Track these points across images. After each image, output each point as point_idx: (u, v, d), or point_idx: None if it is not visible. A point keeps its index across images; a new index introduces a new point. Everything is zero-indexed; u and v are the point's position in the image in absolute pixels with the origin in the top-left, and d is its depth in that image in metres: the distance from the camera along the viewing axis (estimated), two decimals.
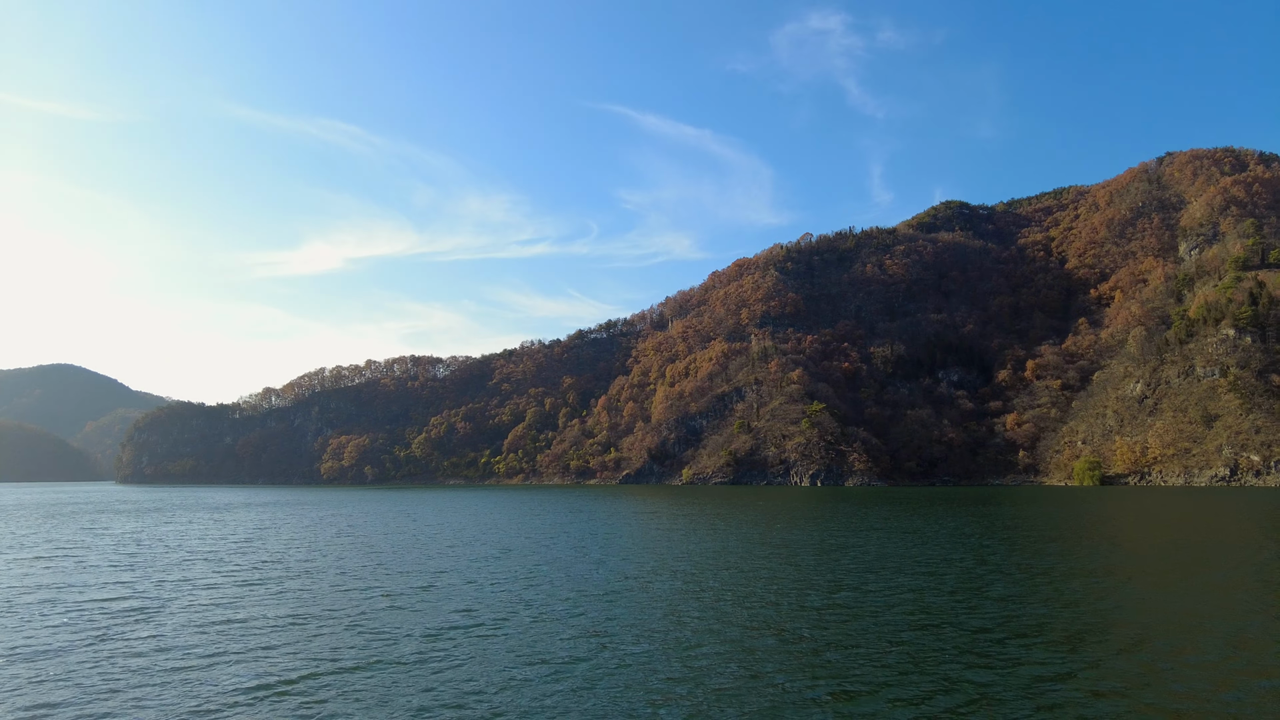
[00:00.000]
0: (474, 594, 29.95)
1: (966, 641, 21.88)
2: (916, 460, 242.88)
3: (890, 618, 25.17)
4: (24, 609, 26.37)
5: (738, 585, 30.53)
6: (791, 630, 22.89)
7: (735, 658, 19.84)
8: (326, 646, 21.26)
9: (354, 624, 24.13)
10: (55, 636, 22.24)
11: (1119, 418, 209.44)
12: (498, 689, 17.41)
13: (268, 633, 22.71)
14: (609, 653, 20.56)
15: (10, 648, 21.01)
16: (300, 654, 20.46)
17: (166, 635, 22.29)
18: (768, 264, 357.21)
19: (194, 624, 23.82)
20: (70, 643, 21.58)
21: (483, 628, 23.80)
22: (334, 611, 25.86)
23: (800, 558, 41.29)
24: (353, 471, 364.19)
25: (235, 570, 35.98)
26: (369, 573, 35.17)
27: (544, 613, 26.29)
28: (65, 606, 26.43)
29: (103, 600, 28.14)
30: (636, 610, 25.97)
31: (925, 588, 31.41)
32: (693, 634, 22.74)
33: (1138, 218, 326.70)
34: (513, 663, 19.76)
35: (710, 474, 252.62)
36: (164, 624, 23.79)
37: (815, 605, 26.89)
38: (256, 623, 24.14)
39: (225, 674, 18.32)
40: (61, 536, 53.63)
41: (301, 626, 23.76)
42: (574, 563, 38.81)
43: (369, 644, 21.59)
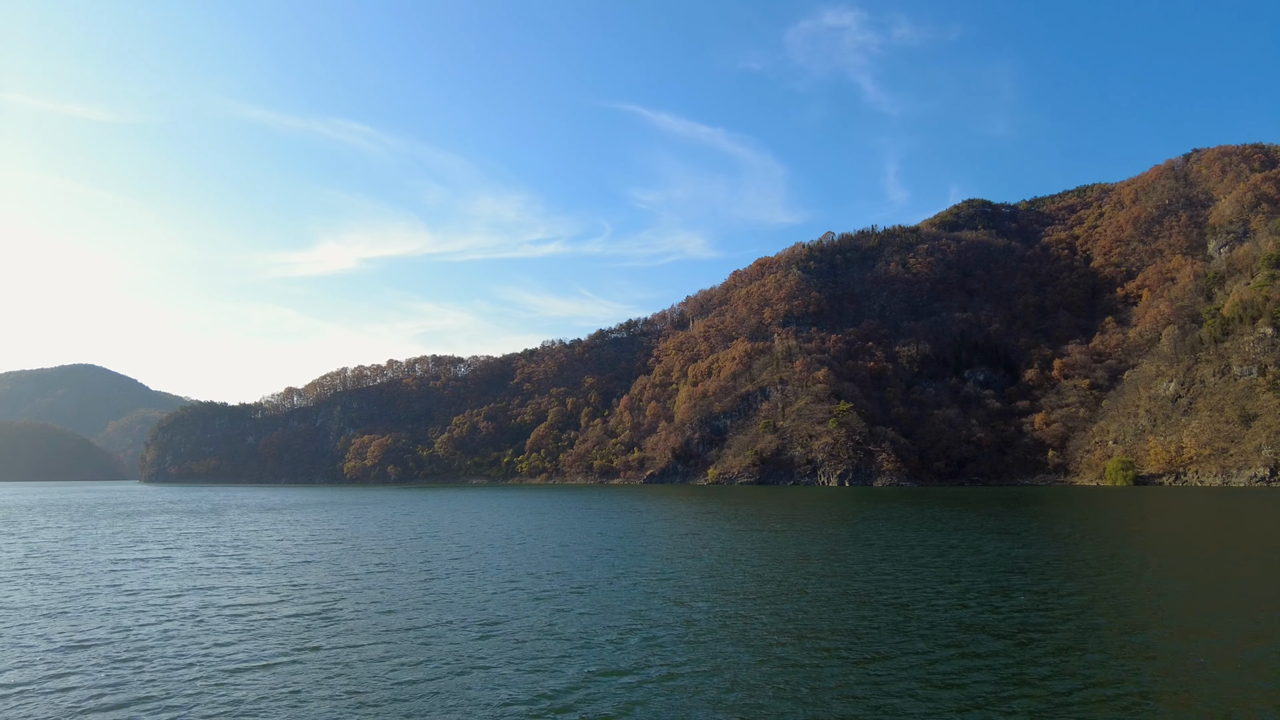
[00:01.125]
0: (628, 595, 30.40)
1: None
2: (945, 460, 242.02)
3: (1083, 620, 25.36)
4: (228, 620, 24.95)
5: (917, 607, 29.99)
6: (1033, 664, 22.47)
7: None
8: (571, 649, 21.34)
9: (550, 625, 24.00)
10: (285, 648, 21.28)
11: (1151, 417, 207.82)
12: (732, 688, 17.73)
13: (472, 643, 22.07)
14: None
15: (285, 654, 20.54)
16: (541, 658, 20.62)
17: (367, 643, 21.99)
18: (790, 263, 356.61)
19: (388, 629, 23.74)
20: (312, 655, 20.55)
21: (698, 625, 24.12)
22: (521, 615, 25.75)
23: (930, 560, 41.48)
24: (376, 471, 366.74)
25: (361, 573, 36.53)
26: (502, 574, 35.69)
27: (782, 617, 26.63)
28: (258, 617, 25.29)
29: (272, 604, 27.12)
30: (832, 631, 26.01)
31: (1106, 590, 31.55)
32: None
33: (1165, 215, 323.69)
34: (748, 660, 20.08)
35: (736, 474, 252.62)
36: (356, 631, 23.09)
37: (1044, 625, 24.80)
38: (449, 627, 23.91)
39: (480, 682, 18.55)
40: (158, 539, 54.63)
41: (501, 632, 23.22)
42: (701, 571, 39.22)
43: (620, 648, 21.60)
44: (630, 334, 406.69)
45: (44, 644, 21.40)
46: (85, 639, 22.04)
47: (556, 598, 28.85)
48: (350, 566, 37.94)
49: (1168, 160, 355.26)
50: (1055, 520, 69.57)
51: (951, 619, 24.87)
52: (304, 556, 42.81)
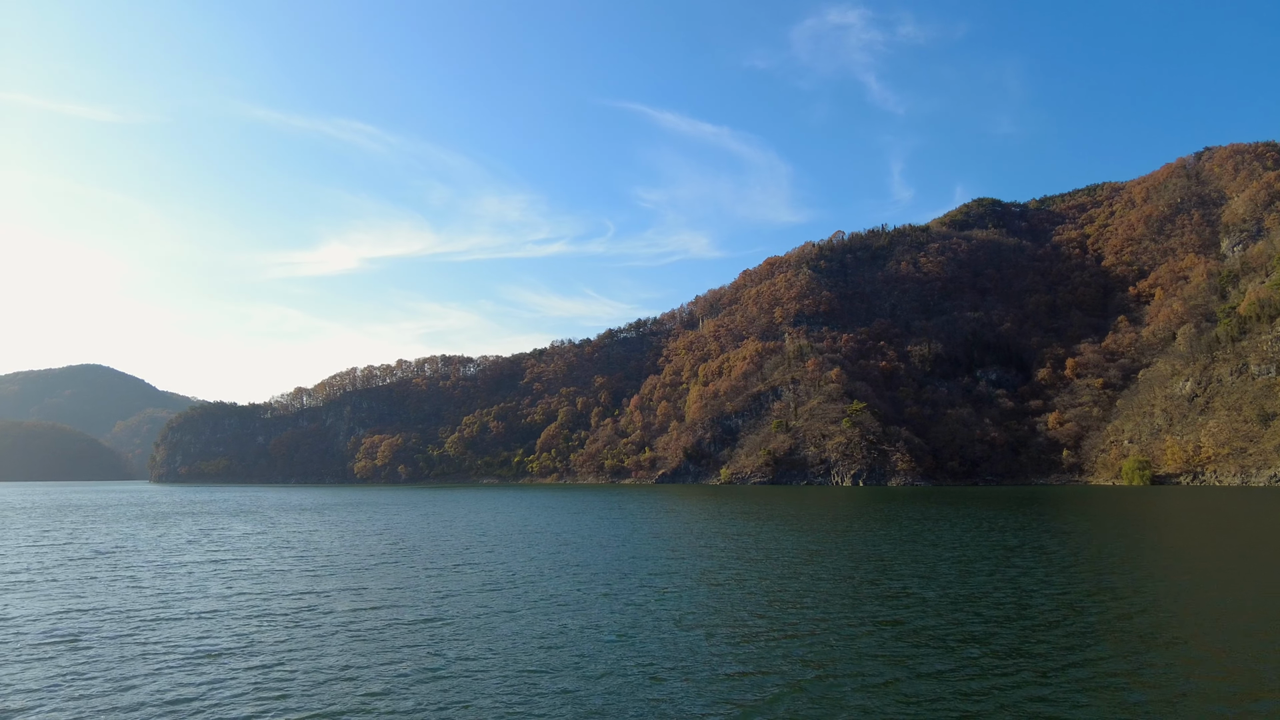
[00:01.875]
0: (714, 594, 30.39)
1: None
2: (959, 460, 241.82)
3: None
4: (343, 627, 24.56)
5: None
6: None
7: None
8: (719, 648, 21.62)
9: (679, 624, 24.18)
10: (427, 659, 20.86)
11: (1168, 416, 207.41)
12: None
13: (594, 645, 22.29)
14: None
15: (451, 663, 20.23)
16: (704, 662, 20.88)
17: (506, 652, 22.11)
18: (800, 262, 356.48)
19: (497, 634, 23.95)
20: (473, 668, 20.05)
21: (829, 626, 24.21)
22: (654, 617, 25.73)
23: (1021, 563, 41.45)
24: (386, 470, 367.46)
25: (443, 572, 36.64)
26: (585, 572, 35.79)
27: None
28: (374, 623, 24.99)
29: (386, 609, 27.17)
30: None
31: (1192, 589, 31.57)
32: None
33: (1177, 214, 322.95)
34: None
35: (749, 474, 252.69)
36: (473, 639, 22.83)
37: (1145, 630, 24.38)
38: (567, 630, 24.07)
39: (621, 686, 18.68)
40: (226, 542, 54.85)
41: (630, 636, 23.10)
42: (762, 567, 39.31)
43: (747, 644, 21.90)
44: (639, 333, 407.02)
45: (175, 654, 21.47)
46: (213, 648, 21.93)
47: (678, 598, 28.94)
48: (440, 567, 37.98)
49: (1179, 159, 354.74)
50: (1105, 519, 69.47)
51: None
52: (384, 557, 42.82)
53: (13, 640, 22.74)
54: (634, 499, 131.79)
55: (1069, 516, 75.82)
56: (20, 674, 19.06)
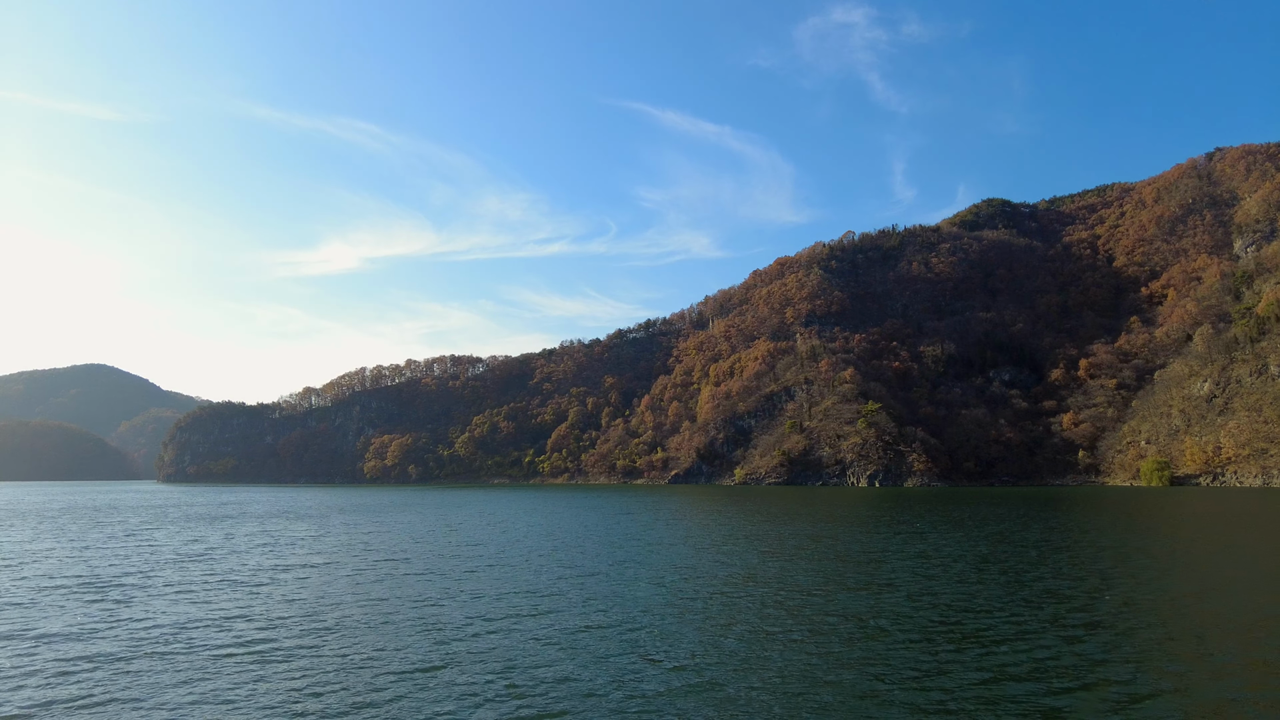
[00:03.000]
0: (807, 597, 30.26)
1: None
2: (975, 460, 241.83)
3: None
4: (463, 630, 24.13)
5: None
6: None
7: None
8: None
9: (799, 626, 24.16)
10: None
11: (1186, 417, 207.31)
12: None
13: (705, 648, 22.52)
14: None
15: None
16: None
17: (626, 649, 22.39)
18: (811, 262, 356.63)
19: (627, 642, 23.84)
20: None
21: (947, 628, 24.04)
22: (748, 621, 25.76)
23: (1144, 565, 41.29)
24: (396, 471, 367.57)
25: (530, 576, 36.55)
26: (667, 575, 35.71)
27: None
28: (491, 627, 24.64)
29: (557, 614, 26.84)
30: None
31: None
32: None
33: (1188, 214, 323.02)
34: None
35: (764, 474, 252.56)
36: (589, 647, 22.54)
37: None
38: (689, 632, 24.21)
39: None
40: (294, 544, 54.78)
41: (763, 640, 22.91)
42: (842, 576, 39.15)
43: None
44: (649, 334, 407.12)
45: (327, 662, 21.28)
46: (357, 656, 21.24)
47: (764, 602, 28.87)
48: (520, 567, 37.79)
49: (1190, 159, 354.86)
50: (1158, 520, 69.43)
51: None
52: (482, 558, 42.68)
53: (195, 647, 21.77)
54: (655, 500, 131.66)
55: (1131, 517, 75.70)
56: (247, 685, 18.48)
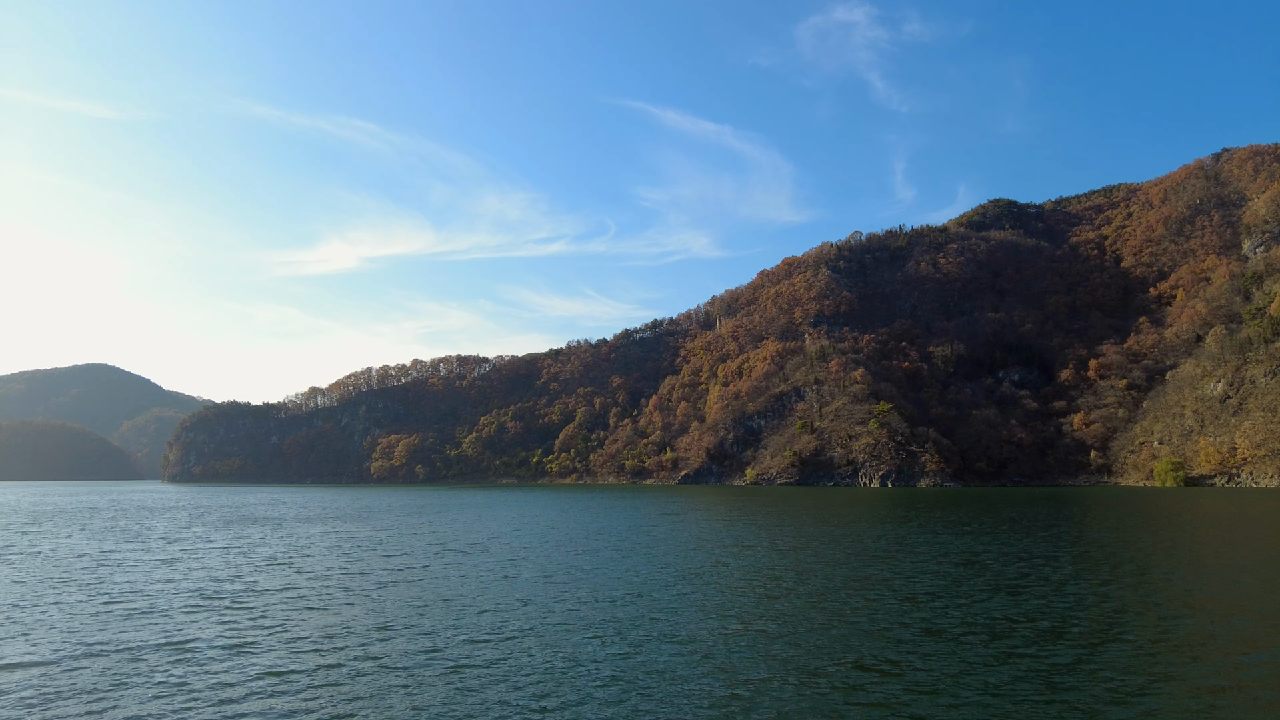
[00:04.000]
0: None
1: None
2: (987, 461, 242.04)
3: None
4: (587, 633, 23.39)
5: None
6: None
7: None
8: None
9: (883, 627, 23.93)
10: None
11: (1199, 418, 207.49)
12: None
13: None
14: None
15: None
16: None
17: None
18: (818, 262, 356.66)
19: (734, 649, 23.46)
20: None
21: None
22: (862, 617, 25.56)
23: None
24: (403, 471, 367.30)
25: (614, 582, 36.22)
26: (732, 578, 35.47)
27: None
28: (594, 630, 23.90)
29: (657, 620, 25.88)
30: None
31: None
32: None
33: (1196, 215, 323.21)
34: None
35: (775, 475, 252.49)
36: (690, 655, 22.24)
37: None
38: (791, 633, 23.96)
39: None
40: (376, 547, 54.43)
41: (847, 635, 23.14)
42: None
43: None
44: (655, 334, 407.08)
45: (479, 672, 21.04)
46: (505, 666, 21.21)
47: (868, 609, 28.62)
48: (620, 568, 37.47)
49: (1197, 159, 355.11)
50: (1208, 522, 69.33)
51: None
52: (572, 553, 42.24)
53: (367, 656, 20.75)
54: (693, 500, 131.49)
55: (1168, 520, 75.59)
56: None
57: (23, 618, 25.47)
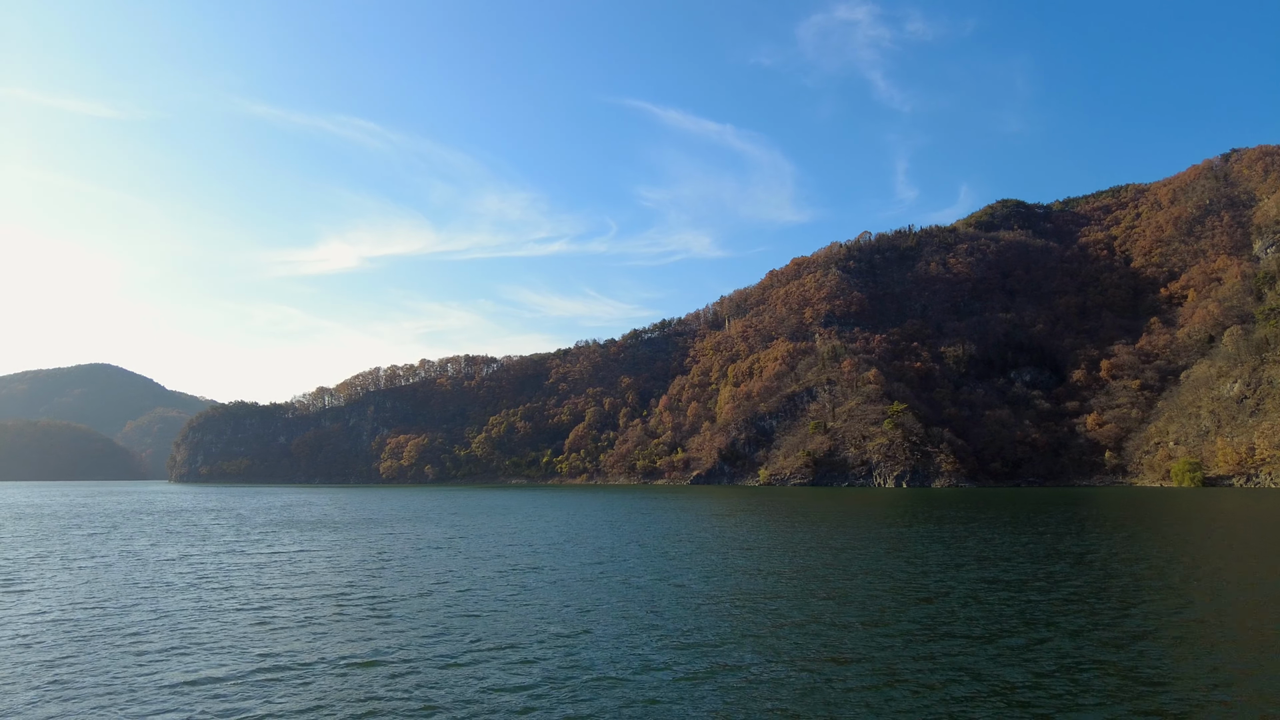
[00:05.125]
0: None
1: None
2: (1001, 461, 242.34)
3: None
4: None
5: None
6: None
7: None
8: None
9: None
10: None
11: (1216, 418, 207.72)
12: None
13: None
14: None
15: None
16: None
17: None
18: (828, 262, 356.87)
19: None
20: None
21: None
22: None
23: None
24: (413, 471, 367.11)
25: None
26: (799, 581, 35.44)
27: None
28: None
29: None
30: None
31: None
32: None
33: (1206, 215, 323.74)
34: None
35: (788, 475, 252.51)
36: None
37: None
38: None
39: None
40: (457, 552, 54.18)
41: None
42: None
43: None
44: (664, 334, 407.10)
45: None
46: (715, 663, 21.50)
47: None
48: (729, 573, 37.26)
49: (1205, 160, 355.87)
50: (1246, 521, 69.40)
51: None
52: (662, 555, 42.05)
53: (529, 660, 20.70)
54: (720, 501, 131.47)
55: (1220, 518, 75.63)
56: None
57: (210, 629, 24.61)
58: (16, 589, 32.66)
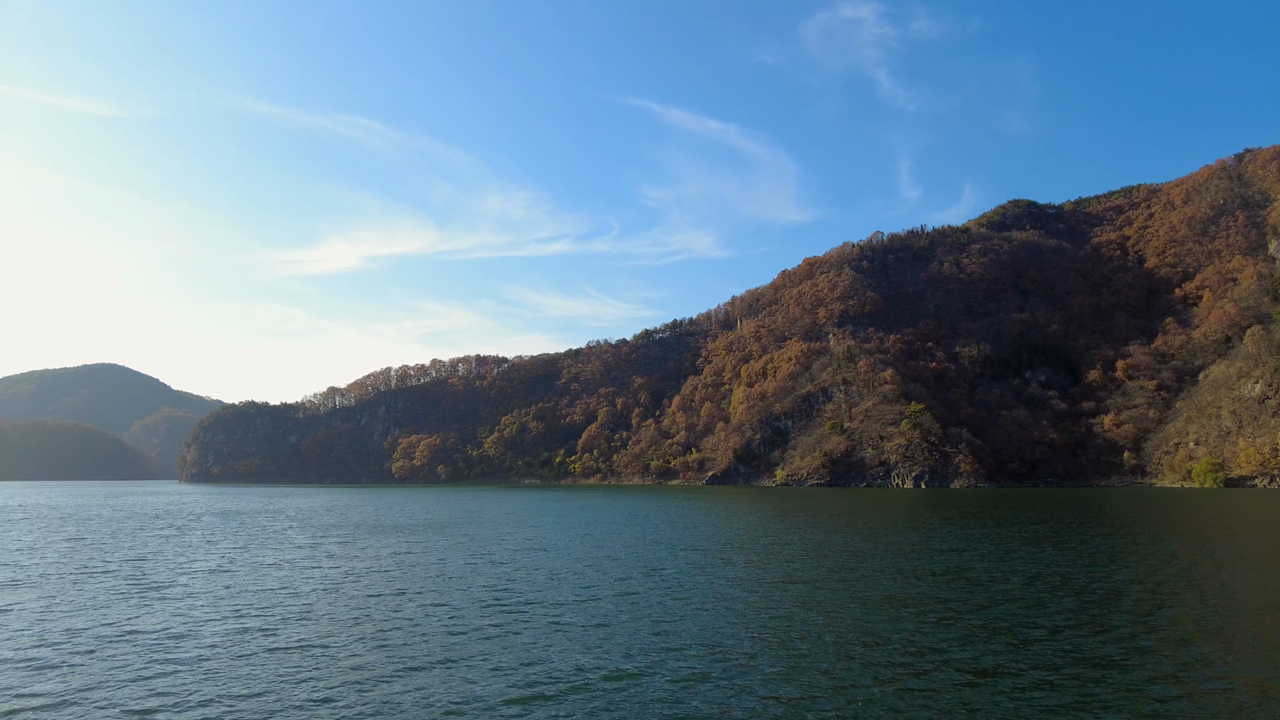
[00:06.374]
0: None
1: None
2: (1019, 461, 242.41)
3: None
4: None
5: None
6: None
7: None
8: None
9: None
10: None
11: (1237, 418, 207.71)
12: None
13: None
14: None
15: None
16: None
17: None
18: (841, 262, 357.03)
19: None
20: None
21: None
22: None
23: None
24: (425, 471, 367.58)
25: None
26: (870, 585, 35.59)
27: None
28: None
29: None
30: None
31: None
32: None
33: (1220, 215, 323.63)
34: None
35: (805, 476, 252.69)
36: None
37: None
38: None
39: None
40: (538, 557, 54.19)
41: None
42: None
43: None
44: (675, 334, 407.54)
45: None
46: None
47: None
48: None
49: (1219, 160, 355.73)
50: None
51: None
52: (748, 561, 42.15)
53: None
54: (752, 502, 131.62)
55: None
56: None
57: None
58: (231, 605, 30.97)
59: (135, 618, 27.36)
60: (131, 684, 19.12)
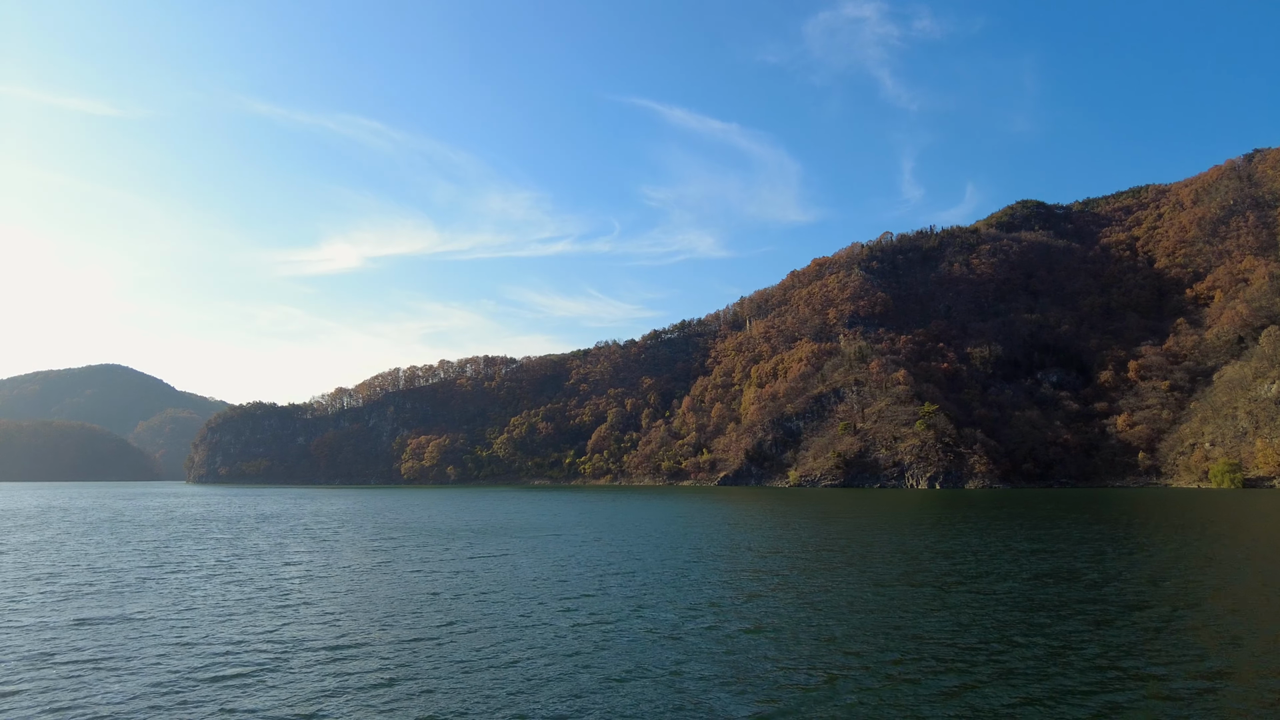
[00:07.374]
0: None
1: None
2: (1033, 462, 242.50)
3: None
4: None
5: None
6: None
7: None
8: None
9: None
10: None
11: (1253, 419, 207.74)
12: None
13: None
14: None
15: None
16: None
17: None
18: (850, 262, 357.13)
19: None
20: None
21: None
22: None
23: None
24: (434, 471, 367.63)
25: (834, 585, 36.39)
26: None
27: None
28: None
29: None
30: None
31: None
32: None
33: (1230, 215, 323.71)
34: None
35: (818, 476, 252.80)
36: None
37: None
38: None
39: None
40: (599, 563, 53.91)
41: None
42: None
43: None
44: (684, 334, 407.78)
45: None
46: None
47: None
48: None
49: (1228, 160, 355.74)
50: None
51: None
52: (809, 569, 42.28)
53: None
54: (779, 503, 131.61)
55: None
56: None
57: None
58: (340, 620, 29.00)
59: (307, 630, 26.92)
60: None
